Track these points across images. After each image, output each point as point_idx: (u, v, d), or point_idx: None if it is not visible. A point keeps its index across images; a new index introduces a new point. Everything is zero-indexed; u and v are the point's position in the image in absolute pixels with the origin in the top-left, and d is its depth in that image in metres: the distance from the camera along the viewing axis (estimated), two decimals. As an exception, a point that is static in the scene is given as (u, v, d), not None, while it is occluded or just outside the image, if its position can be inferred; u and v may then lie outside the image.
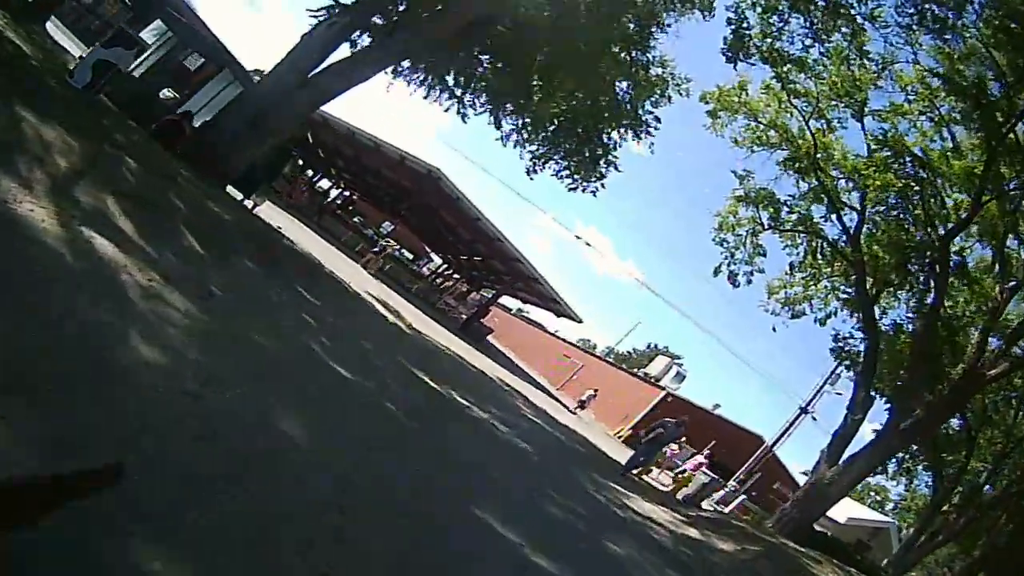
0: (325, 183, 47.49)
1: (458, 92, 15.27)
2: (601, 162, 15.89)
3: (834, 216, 17.13)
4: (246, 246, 8.43)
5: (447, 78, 15.18)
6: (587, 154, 15.80)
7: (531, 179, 16.70)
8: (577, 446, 14.82)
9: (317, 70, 12.33)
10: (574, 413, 27.06)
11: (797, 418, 30.05)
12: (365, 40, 13.79)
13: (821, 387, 29.11)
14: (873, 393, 16.58)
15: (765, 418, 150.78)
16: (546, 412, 17.11)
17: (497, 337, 40.13)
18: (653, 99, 15.68)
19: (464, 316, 33.18)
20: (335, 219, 33.50)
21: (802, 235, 18.77)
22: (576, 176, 16.11)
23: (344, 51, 13.18)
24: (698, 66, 23.54)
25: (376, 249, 27.49)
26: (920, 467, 23.78)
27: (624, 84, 15.49)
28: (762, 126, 17.82)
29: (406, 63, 14.75)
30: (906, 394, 15.63)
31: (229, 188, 13.12)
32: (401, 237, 42.91)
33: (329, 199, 43.17)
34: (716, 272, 19.05)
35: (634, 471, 14.95)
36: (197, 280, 5.68)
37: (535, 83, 14.60)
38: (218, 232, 7.79)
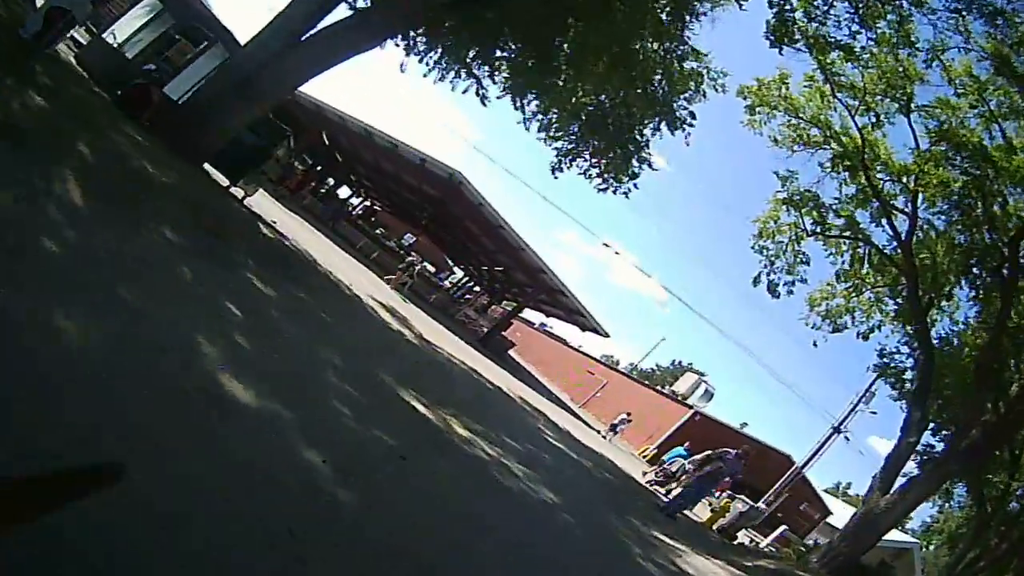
0: (345, 191, 46.75)
1: (476, 71, 14.01)
2: (634, 160, 14.65)
3: (884, 220, 15.77)
4: (177, 213, 6.92)
5: (465, 55, 13.85)
6: (618, 151, 14.53)
7: (555, 178, 15.43)
8: (607, 475, 13.19)
9: (310, 33, 11.11)
10: (604, 438, 25.65)
11: (829, 438, 28.85)
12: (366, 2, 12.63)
13: (855, 405, 27.96)
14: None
15: (792, 436, 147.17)
16: (570, 434, 15.61)
17: (519, 351, 38.99)
18: (688, 94, 14.43)
19: (484, 329, 31.98)
20: (353, 226, 32.44)
21: (847, 241, 17.41)
22: (606, 175, 14.89)
23: (342, 13, 12.08)
24: (733, 63, 22.35)
25: (403, 265, 25.24)
26: (959, 488, 22.10)
27: (657, 77, 14.27)
28: (803, 123, 16.54)
29: (421, 41, 13.62)
30: (967, 413, 14.24)
31: (214, 173, 12.21)
32: (422, 249, 42.16)
33: (346, 203, 42.24)
34: (755, 281, 17.82)
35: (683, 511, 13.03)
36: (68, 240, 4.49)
37: (562, 66, 13.43)
38: (134, 190, 6.54)
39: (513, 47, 13.42)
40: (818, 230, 17.28)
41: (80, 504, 0.99)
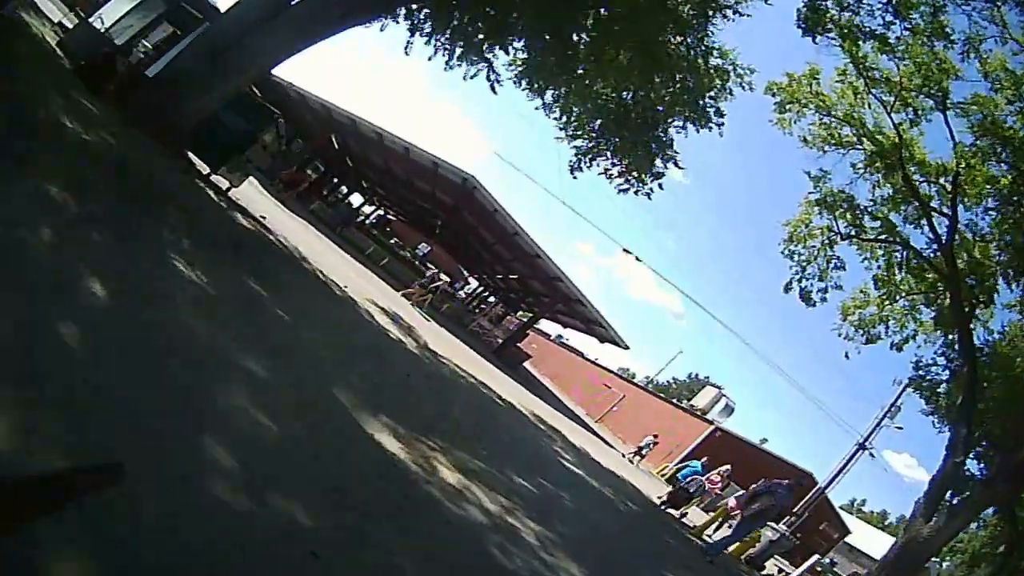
0: (357, 199, 46.20)
1: (488, 54, 12.97)
2: (658, 159, 13.83)
3: (923, 221, 14.87)
4: (92, 177, 5.67)
5: (475, 36, 12.78)
6: (640, 150, 13.71)
7: (575, 177, 14.51)
8: (633, 506, 11.90)
9: (296, 2, 10.24)
10: (631, 462, 24.58)
11: (854, 455, 27.85)
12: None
13: (880, 420, 27.08)
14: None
15: (809, 451, 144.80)
16: (589, 456, 14.50)
17: (534, 363, 38.12)
18: (713, 92, 13.61)
19: (499, 340, 31.13)
20: (363, 233, 31.62)
21: (882, 246, 16.45)
22: (628, 175, 14.08)
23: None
24: (756, 62, 21.48)
25: (423, 280, 23.04)
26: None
27: (680, 73, 13.48)
28: (835, 121, 15.66)
29: (428, 19, 12.65)
30: (1017, 428, 13.25)
31: (199, 163, 11.15)
32: (436, 259, 41.52)
33: (356, 209, 41.72)
34: (787, 288, 16.89)
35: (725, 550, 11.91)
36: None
37: (580, 55, 12.62)
38: (36, 145, 5.33)
39: (528, 28, 12.47)
40: (852, 233, 16.32)
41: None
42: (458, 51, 12.89)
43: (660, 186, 14.03)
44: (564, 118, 14.18)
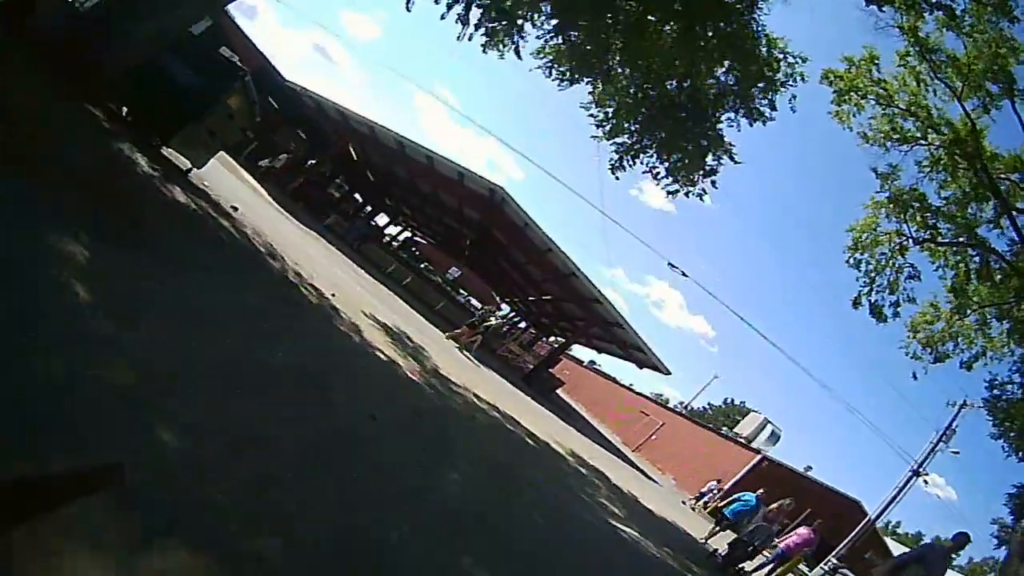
0: (383, 220, 45.21)
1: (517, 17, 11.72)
2: (709, 156, 12.47)
3: (1003, 220, 13.26)
4: None
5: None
6: (690, 145, 12.36)
7: (616, 178, 13.09)
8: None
9: None
10: (693, 510, 22.67)
11: (908, 483, 26.39)
12: None
13: (935, 444, 25.80)
14: None
15: (846, 474, 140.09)
16: (638, 502, 12.42)
17: (566, 390, 36.57)
18: (762, 84, 12.29)
19: (530, 365, 29.67)
20: (383, 250, 30.42)
21: (956, 251, 14.77)
22: (678, 175, 12.71)
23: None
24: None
25: (474, 319, 20.25)
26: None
27: (726, 63, 12.23)
28: (898, 113, 14.16)
29: None
30: None
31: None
32: (467, 283, 40.41)
33: (374, 223, 40.16)
34: (856, 303, 15.11)
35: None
36: None
37: (617, 42, 11.42)
38: None
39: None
40: (925, 237, 14.66)
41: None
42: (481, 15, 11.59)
43: (714, 184, 12.60)
44: (601, 113, 12.93)
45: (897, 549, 38.34)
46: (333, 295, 8.99)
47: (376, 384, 6.62)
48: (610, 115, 12.92)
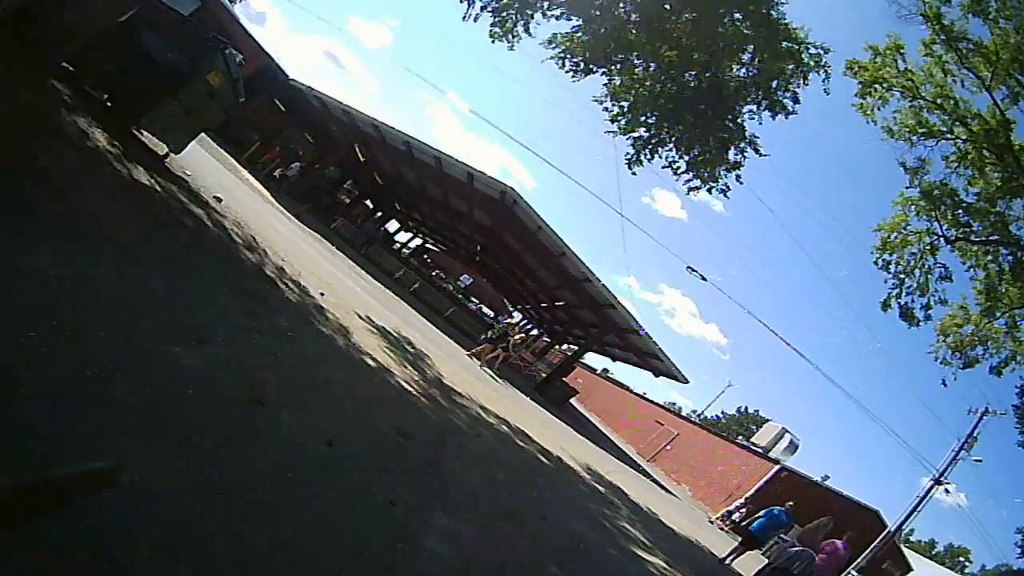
0: (394, 225, 44.62)
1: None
2: (731, 150, 11.77)
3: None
4: None
5: None
6: (711, 138, 11.68)
7: (633, 173, 12.29)
8: None
9: None
10: (722, 529, 21.71)
11: (929, 492, 25.77)
12: None
13: (957, 452, 25.25)
14: None
15: (861, 482, 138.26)
16: (659, 520, 11.45)
17: (579, 399, 35.78)
18: (784, 77, 11.61)
19: (542, 374, 28.91)
20: (389, 253, 29.69)
21: (988, 250, 14.00)
22: (698, 168, 11.98)
23: None
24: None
25: (493, 334, 19.14)
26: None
27: (746, 56, 11.61)
28: (924, 105, 13.44)
29: None
30: None
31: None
32: (479, 290, 39.81)
33: (381, 226, 39.22)
34: (885, 306, 14.45)
35: None
36: None
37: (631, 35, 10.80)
38: None
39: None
40: (958, 235, 13.88)
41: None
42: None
43: (739, 179, 11.89)
44: (616, 107, 12.26)
45: (913, 558, 37.31)
46: (322, 294, 8.12)
47: (352, 397, 5.30)
48: (626, 109, 12.26)
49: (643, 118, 11.97)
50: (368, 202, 40.94)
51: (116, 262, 4.23)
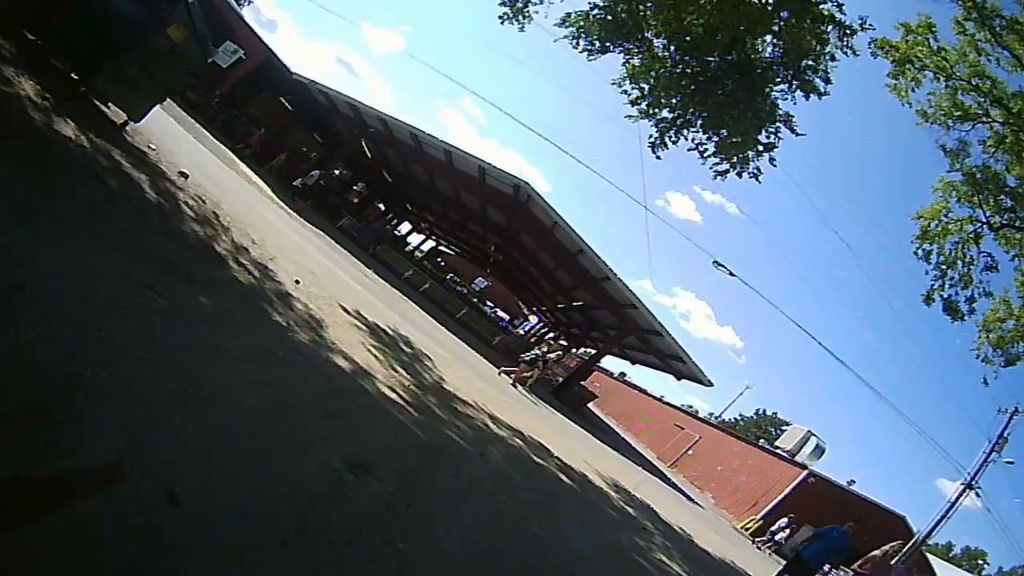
0: (406, 227, 43.82)
1: None
2: (763, 132, 10.85)
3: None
4: None
5: None
6: (742, 119, 10.71)
7: (657, 157, 11.40)
8: None
9: None
10: (759, 548, 20.62)
11: (960, 496, 24.88)
12: None
13: (988, 454, 24.53)
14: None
15: (877, 487, 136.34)
16: (693, 543, 10.18)
17: (596, 404, 34.82)
18: (813, 56, 10.69)
19: (559, 378, 27.98)
20: (397, 252, 28.37)
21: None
22: (727, 152, 11.08)
23: None
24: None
25: (528, 356, 17.85)
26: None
27: (770, 36, 10.78)
28: (959, 86, 12.54)
29: None
30: None
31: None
32: (494, 293, 39.06)
33: (389, 223, 37.54)
34: (929, 300, 13.50)
35: None
36: None
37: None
38: None
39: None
40: (1004, 222, 12.93)
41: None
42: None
43: (772, 161, 10.97)
44: (636, 90, 11.44)
45: (936, 564, 35.98)
46: (297, 282, 6.97)
47: (286, 411, 3.73)
48: (646, 91, 11.43)
49: (664, 100, 11.15)
50: (381, 205, 40.28)
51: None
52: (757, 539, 21.86)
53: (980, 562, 56.81)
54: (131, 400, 2.60)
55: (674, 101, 11.07)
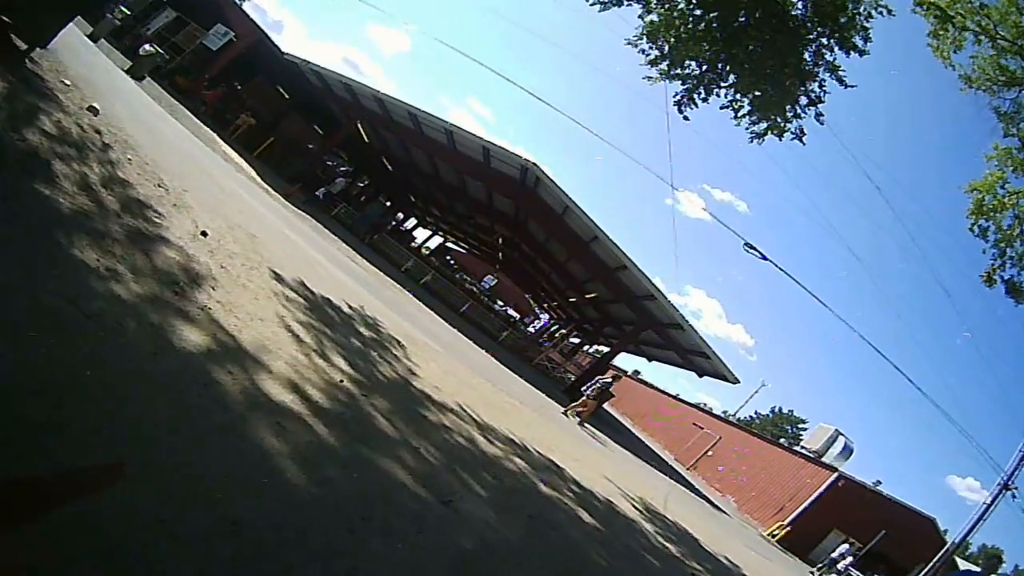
0: (411, 222, 42.51)
1: None
2: (803, 87, 9.51)
3: None
4: None
5: None
6: (784, 69, 9.41)
7: (686, 118, 10.09)
8: None
9: None
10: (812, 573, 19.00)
11: (996, 498, 22.42)
12: None
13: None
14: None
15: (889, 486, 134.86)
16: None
17: (610, 402, 33.39)
18: (847, 12, 9.51)
19: (571, 377, 26.56)
20: (394, 240, 26.79)
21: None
22: (762, 112, 9.73)
23: None
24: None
25: (590, 391, 15.95)
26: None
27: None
28: (1004, 46, 11.30)
29: None
30: None
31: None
32: (503, 291, 37.75)
33: (386, 210, 35.61)
34: (989, 281, 12.08)
35: None
36: None
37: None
38: None
39: None
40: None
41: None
42: None
43: (819, 118, 9.56)
44: (655, 50, 10.02)
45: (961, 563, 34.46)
46: (205, 234, 5.25)
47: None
48: (667, 51, 10.03)
49: (692, 53, 9.73)
50: (388, 202, 38.97)
51: None
52: (818, 567, 20.14)
53: (996, 560, 55.16)
54: None
55: (705, 52, 9.63)
